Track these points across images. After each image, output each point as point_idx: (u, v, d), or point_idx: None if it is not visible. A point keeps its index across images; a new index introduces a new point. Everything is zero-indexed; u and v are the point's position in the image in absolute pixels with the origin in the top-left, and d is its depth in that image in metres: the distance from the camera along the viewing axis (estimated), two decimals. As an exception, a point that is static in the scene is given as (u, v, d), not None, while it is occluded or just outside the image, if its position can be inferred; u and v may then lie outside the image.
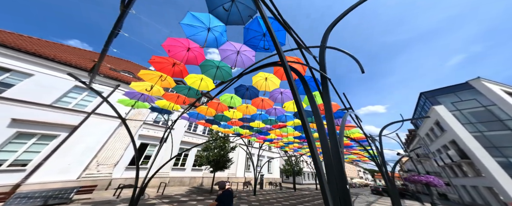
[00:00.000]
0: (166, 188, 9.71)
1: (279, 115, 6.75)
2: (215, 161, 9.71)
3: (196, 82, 4.20)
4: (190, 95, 4.81)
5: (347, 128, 7.85)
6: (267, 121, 7.36)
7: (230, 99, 5.47)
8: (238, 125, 8.09)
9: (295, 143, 12.67)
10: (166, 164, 10.74)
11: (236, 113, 6.57)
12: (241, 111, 6.31)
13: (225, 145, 10.95)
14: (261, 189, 15.29)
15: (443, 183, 8.91)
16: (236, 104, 5.63)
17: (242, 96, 5.26)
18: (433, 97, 19.73)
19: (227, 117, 6.96)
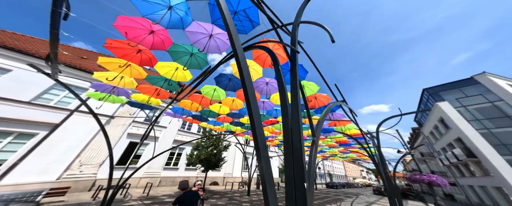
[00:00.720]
0: (157, 188, 9.37)
1: (269, 109, 6.32)
2: (206, 160, 9.34)
3: (170, 72, 3.83)
4: (169, 88, 4.45)
5: (341, 123, 7.39)
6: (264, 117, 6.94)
7: (213, 92, 5.06)
8: (228, 121, 7.70)
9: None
10: (158, 164, 10.44)
11: (223, 108, 6.18)
12: (227, 105, 5.90)
13: (218, 144, 10.62)
14: (257, 189, 14.85)
15: (448, 182, 8.27)
16: (220, 97, 5.23)
17: (225, 88, 4.87)
18: (437, 93, 19.03)
19: (214, 113, 6.58)
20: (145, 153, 10.11)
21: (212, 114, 6.73)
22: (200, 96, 5.30)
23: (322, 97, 5.56)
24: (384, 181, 6.03)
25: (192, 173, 12.72)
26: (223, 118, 7.31)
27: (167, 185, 10.65)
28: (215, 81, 4.65)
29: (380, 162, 6.39)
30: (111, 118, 8.49)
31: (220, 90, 4.97)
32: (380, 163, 6.39)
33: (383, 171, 6.30)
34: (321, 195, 14.46)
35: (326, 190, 21.28)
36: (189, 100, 5.70)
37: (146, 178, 9.60)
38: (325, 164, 38.63)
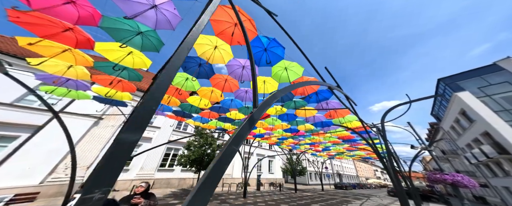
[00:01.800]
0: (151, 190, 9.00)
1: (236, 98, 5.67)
2: (197, 160, 8.85)
3: (120, 57, 3.35)
4: (131, 78, 3.99)
5: (339, 114, 6.49)
6: (243, 110, 6.29)
7: (184, 81, 4.54)
8: (214, 117, 7.14)
9: (289, 138, 11.37)
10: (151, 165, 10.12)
11: (204, 100, 5.63)
12: (206, 96, 5.31)
13: (211, 142, 10.13)
14: (257, 190, 14.09)
15: (477, 183, 6.82)
16: (195, 87, 4.68)
17: (197, 75, 4.30)
18: (454, 83, 17.11)
19: (196, 107, 6.07)
20: None
21: (195, 109, 6.22)
22: (173, 88, 4.79)
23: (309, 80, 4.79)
24: (393, 180, 5.05)
25: (189, 174, 12.32)
26: (208, 113, 6.76)
27: (161, 187, 10.32)
28: (182, 68, 4.12)
29: (387, 158, 5.41)
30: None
31: (193, 79, 4.42)
32: (387, 158, 5.41)
33: (391, 167, 5.31)
34: (326, 196, 13.32)
35: (334, 191, 19.85)
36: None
37: (138, 180, 9.33)
38: (334, 164, 36.63)
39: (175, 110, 6.52)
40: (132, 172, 9.36)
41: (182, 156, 9.36)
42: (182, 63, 3.64)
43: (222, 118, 7.39)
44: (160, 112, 6.50)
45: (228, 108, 6.13)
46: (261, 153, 20.80)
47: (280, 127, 8.37)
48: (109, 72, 3.71)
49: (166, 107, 6.19)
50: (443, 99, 19.66)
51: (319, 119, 7.22)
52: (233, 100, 5.73)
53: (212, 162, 1.17)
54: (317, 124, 7.75)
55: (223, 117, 7.29)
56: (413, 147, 8.39)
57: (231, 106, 6.12)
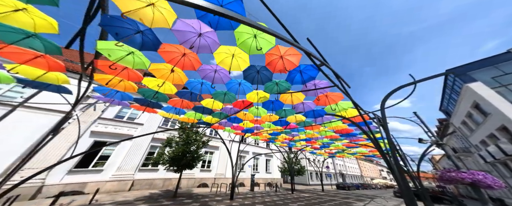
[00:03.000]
0: (125, 193, 8.17)
1: (228, 82, 4.73)
2: (176, 159, 7.90)
3: (21, 19, 2.50)
4: (49, 50, 3.08)
5: (331, 100, 5.52)
6: (219, 96, 5.38)
7: (125, 55, 3.39)
8: (189, 107, 6.27)
9: (283, 133, 10.40)
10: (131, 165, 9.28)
11: (169, 86, 4.75)
12: (164, 77, 4.29)
13: (196, 139, 9.14)
14: (251, 191, 13.14)
15: (503, 183, 5.59)
16: (146, 64, 3.82)
17: (140, 47, 3.32)
18: (465, 74, 15.79)
19: (162, 94, 5.19)
20: (115, 153, 9.05)
21: (161, 97, 5.36)
22: (121, 66, 3.91)
23: (291, 55, 3.87)
24: (397, 179, 4.03)
25: (176, 174, 11.47)
26: (179, 101, 5.84)
27: (142, 188, 9.44)
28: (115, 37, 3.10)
29: (390, 153, 4.40)
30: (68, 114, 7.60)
31: (137, 52, 3.53)
32: (390, 154, 4.40)
33: (394, 164, 4.29)
34: (325, 197, 12.21)
35: (335, 192, 18.62)
36: (109, 74, 3.98)
37: (114, 181, 8.44)
38: (336, 163, 35.14)
39: (137, 97, 5.64)
40: (107, 173, 8.50)
41: (159, 154, 8.37)
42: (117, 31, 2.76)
43: (199, 108, 6.52)
44: (118, 101, 5.62)
45: (199, 93, 5.19)
46: (258, 152, 19.84)
47: (267, 119, 7.43)
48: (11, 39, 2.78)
49: (125, 95, 5.33)
50: (453, 93, 18.24)
51: (309, 107, 6.27)
52: (204, 84, 4.80)
53: None
54: (308, 114, 6.80)
55: (200, 107, 6.43)
56: (422, 140, 7.28)
57: (203, 91, 5.19)
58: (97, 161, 8.40)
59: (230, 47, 3.58)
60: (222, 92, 5.21)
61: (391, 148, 4.36)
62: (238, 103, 5.96)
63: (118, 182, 8.50)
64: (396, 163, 4.16)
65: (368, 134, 4.74)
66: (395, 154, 4.27)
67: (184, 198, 7.82)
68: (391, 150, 4.34)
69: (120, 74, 4.04)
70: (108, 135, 9.14)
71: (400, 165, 4.13)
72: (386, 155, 4.48)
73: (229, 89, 5.03)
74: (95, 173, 8.07)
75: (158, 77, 4.31)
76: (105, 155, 8.83)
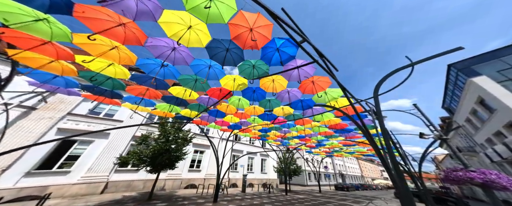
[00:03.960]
0: (93, 197, 7.31)
1: (193, 64, 3.91)
2: (150, 158, 7.05)
3: None
4: None
5: (318, 86, 4.81)
6: (188, 82, 4.64)
7: (31, 20, 2.57)
8: (158, 98, 5.53)
9: (273, 130, 9.68)
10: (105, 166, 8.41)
11: (118, 68, 3.88)
12: (108, 56, 3.42)
13: (177, 136, 8.38)
14: (243, 192, 12.39)
15: None
16: (68, 36, 2.86)
17: (47, 9, 2.43)
18: (468, 68, 15.09)
19: (117, 81, 4.39)
20: (87, 153, 8.18)
21: (117, 84, 4.55)
22: (39, 40, 2.88)
23: (262, 27, 3.19)
24: (392, 177, 3.29)
25: (161, 175, 10.73)
26: (142, 90, 4.97)
27: (118, 191, 8.60)
28: None
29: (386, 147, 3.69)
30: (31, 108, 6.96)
31: (52, 20, 2.67)
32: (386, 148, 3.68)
33: (390, 160, 3.56)
34: (320, 199, 11.42)
35: (333, 192, 17.77)
36: (24, 50, 3.05)
37: (81, 184, 7.54)
38: (336, 164, 34.19)
39: (86, 85, 4.73)
40: (75, 175, 7.62)
41: (132, 153, 7.27)
42: None
43: (170, 99, 5.78)
44: (64, 88, 4.78)
45: (161, 77, 4.31)
46: (253, 151, 19.09)
47: (251, 112, 6.73)
48: None
49: (70, 80, 4.48)
50: (456, 88, 17.44)
51: (295, 96, 5.57)
52: (167, 66, 4.05)
53: None
54: (295, 104, 6.09)
55: (172, 98, 5.70)
56: (423, 135, 6.53)
57: (166, 76, 4.30)
58: (64, 161, 7.57)
59: (182, 14, 2.88)
60: (191, 77, 4.50)
61: (386, 141, 3.64)
62: (215, 92, 5.27)
63: (87, 184, 7.64)
64: (391, 159, 3.44)
65: (359, 125, 4.03)
66: (390, 148, 3.55)
67: (159, 201, 7.05)
68: (386, 143, 3.62)
69: (42, 50, 3.18)
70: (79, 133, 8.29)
71: (396, 161, 3.41)
72: (381, 150, 3.76)
73: (197, 73, 4.28)
74: (60, 175, 7.23)
75: (95, 55, 3.39)
76: (75, 155, 7.98)
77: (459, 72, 15.64)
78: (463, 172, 5.03)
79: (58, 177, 7.10)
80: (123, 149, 9.30)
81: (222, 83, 4.69)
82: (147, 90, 4.95)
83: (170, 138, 8.06)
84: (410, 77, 4.16)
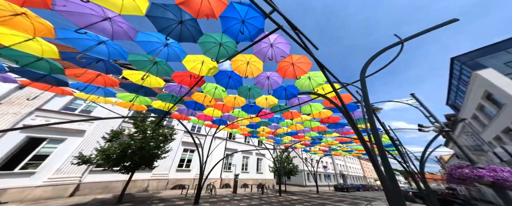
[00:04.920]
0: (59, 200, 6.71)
1: (141, 39, 3.22)
2: (119, 156, 6.28)
3: None
4: None
5: (299, 69, 4.19)
6: (143, 64, 3.87)
7: None
8: (114, 85, 4.69)
9: (262, 125, 9.05)
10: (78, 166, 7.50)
11: (45, 45, 3.13)
12: (22, 28, 2.69)
13: (154, 133, 7.62)
14: (234, 193, 11.73)
15: None
16: None
17: None
18: (473, 61, 14.36)
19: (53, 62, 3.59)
20: (58, 152, 7.51)
21: (54, 67, 3.68)
22: None
23: None
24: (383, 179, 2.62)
25: (141, 175, 10.09)
26: (93, 76, 4.24)
27: (92, 193, 7.92)
28: None
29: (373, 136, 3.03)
30: None
31: None
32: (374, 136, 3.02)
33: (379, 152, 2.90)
34: (315, 201, 10.67)
35: (332, 193, 16.91)
36: None
37: (47, 186, 6.84)
38: (336, 163, 33.14)
39: (16, 67, 3.78)
40: (41, 176, 6.95)
41: (100, 151, 6.40)
42: None
43: (129, 86, 4.96)
44: None
45: (105, 57, 3.53)
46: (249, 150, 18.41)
47: (232, 103, 6.13)
48: None
49: None
50: (461, 83, 16.57)
51: (276, 82, 4.96)
52: (107, 43, 3.25)
53: None
54: (278, 94, 5.48)
55: (130, 85, 4.92)
56: (422, 127, 5.78)
57: (112, 55, 3.49)
58: (29, 162, 6.94)
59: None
60: (145, 57, 3.76)
61: (373, 130, 2.98)
62: (184, 78, 4.67)
63: (54, 187, 6.94)
64: (380, 151, 2.79)
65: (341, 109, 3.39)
66: (379, 139, 2.90)
67: (130, 204, 6.41)
68: (373, 132, 2.97)
69: None
70: (51, 131, 7.70)
71: (385, 154, 2.76)
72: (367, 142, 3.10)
73: (150, 52, 3.56)
74: (22, 176, 6.59)
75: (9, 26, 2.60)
76: (43, 155, 7.32)
77: (463, 66, 14.83)
78: (470, 170, 4.28)
79: (20, 179, 6.48)
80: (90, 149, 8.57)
81: (187, 66, 4.11)
82: (99, 75, 4.30)
83: (148, 134, 7.41)
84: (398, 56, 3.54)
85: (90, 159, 6.05)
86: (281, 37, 3.59)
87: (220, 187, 14.37)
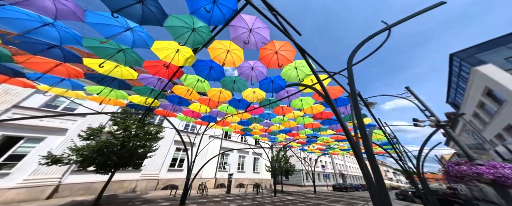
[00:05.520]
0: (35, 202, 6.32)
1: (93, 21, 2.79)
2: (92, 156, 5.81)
3: None
4: None
5: (283, 58, 3.86)
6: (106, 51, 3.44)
7: None
8: (79, 76, 4.19)
9: (254, 122, 8.71)
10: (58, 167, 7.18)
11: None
12: None
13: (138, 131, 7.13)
14: (227, 193, 11.38)
15: None
16: None
17: None
18: (472, 56, 14.06)
19: None
20: (37, 152, 7.00)
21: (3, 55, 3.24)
22: None
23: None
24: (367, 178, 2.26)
25: (128, 175, 9.71)
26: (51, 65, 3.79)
27: (73, 195, 7.47)
28: None
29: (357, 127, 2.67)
30: None
31: None
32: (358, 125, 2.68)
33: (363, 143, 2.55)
34: (311, 201, 10.28)
35: (329, 193, 16.51)
36: None
37: (20, 188, 6.36)
38: (336, 163, 32.70)
39: None
40: (16, 178, 6.48)
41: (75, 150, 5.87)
42: None
43: (94, 78, 4.42)
44: None
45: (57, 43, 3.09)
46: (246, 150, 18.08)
47: (216, 96, 5.78)
48: None
49: None
50: (460, 80, 16.23)
51: (262, 73, 4.63)
52: (56, 25, 2.84)
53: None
54: (266, 87, 5.15)
55: (92, 75, 4.35)
56: (417, 122, 5.43)
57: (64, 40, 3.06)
58: (4, 162, 6.51)
59: None
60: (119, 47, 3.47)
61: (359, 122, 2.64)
62: (158, 69, 4.27)
63: (28, 189, 6.47)
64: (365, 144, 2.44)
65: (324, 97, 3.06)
66: (363, 128, 2.56)
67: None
68: (358, 121, 2.62)
69: None
70: (29, 129, 7.30)
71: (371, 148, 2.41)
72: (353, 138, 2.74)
73: (108, 37, 3.08)
74: None
75: None
76: (20, 154, 6.86)
77: (463, 62, 14.50)
78: (468, 166, 3.90)
79: (0, 180, 6.10)
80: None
81: (159, 55, 3.76)
82: (60, 65, 3.80)
83: (131, 132, 7.00)
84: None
85: (60, 159, 5.60)
86: (259, 21, 3.26)
87: (214, 187, 14.01)
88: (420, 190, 6.41)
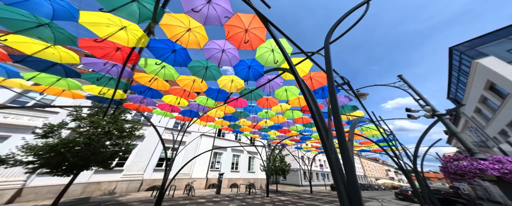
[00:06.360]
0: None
1: None
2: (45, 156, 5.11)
3: None
4: None
5: (252, 39, 3.29)
6: (17, 23, 2.62)
7: None
8: (6, 59, 3.49)
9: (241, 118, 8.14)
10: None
11: None
12: None
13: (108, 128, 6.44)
14: (217, 193, 10.79)
15: None
16: None
17: None
18: (473, 49, 13.47)
19: None
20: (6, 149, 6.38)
21: None
22: None
23: None
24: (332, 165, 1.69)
25: (108, 176, 9.12)
26: None
27: (39, 199, 6.85)
28: None
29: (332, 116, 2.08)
30: None
31: None
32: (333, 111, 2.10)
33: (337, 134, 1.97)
34: (305, 202, 9.66)
35: (326, 193, 15.86)
36: None
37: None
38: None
39: None
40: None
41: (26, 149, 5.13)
42: None
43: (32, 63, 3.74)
44: None
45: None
46: (239, 148, 17.47)
47: (189, 86, 5.21)
48: None
49: None
50: (461, 74, 15.62)
51: (235, 57, 4.06)
52: None
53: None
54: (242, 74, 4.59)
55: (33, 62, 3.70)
56: (411, 113, 4.81)
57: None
58: None
59: None
60: (21, 14, 2.57)
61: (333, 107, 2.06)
62: (107, 51, 3.63)
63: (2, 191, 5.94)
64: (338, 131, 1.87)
65: (297, 77, 2.49)
66: (336, 103, 1.99)
67: None
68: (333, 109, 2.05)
69: None
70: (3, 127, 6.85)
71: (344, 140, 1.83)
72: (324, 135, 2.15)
73: (15, 4, 2.42)
74: None
75: None
76: None
77: (463, 55, 13.89)
78: (468, 162, 3.28)
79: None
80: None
81: (98, 32, 3.06)
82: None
83: (102, 129, 6.34)
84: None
85: (5, 160, 4.86)
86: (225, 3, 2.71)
87: (206, 188, 13.42)
88: (417, 189, 5.82)
